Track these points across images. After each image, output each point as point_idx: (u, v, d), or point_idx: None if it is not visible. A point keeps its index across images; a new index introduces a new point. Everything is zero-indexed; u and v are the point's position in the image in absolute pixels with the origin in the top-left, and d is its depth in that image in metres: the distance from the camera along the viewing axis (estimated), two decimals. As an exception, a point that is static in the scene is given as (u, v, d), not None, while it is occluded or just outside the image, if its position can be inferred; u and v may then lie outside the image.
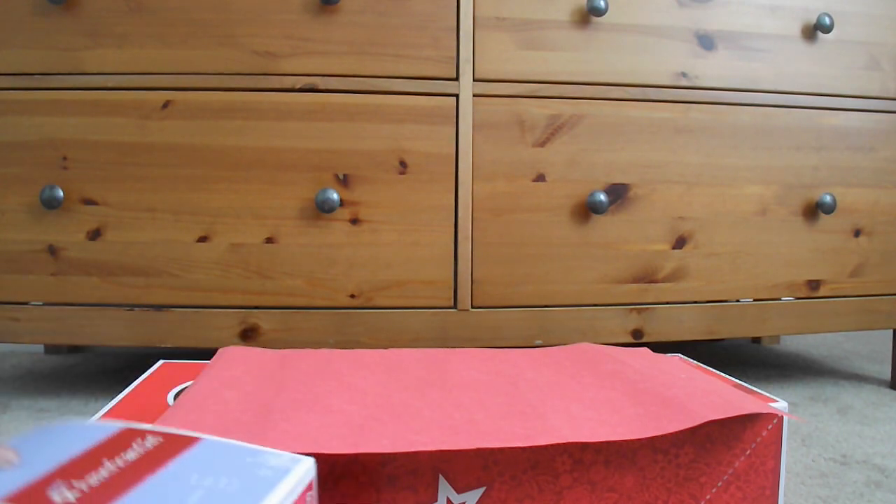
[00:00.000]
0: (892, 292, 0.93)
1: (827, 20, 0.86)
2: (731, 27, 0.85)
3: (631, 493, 0.43)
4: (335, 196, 0.77)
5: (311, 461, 0.32)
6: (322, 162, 0.79)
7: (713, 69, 0.85)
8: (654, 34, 0.84)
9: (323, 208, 0.77)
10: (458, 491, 0.41)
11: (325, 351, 0.56)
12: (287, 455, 0.32)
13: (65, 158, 0.77)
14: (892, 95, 0.91)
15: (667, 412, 0.44)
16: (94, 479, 0.27)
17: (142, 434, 0.32)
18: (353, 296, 0.80)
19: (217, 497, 0.27)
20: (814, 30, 0.88)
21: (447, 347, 0.75)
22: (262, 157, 0.78)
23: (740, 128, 0.86)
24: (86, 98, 0.77)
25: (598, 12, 0.80)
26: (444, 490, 0.41)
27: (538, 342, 0.83)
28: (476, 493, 0.41)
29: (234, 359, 0.52)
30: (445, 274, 0.81)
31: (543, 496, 0.42)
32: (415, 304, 0.81)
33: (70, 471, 0.28)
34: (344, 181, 0.79)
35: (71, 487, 0.26)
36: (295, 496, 0.30)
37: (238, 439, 0.37)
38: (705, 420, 0.42)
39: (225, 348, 0.54)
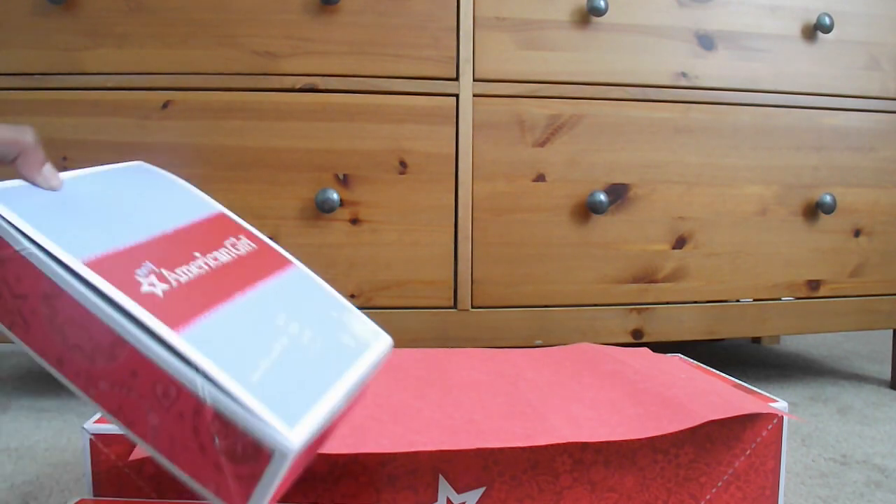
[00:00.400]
0: (892, 292, 0.93)
1: (827, 20, 0.86)
2: (731, 27, 0.85)
3: (631, 493, 0.43)
4: (335, 196, 0.77)
5: (388, 341, 0.31)
6: (322, 162, 0.79)
7: (713, 69, 0.85)
8: (654, 34, 0.84)
9: (323, 208, 0.77)
10: (458, 491, 0.41)
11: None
12: (370, 325, 0.31)
13: (65, 158, 0.77)
14: (892, 95, 0.91)
15: (667, 412, 0.44)
16: (183, 273, 0.25)
17: (236, 231, 0.30)
18: (353, 296, 0.80)
19: (299, 353, 0.26)
20: (814, 30, 0.88)
21: (447, 347, 0.75)
22: (262, 157, 0.78)
23: (740, 128, 0.86)
24: (86, 98, 0.77)
25: (598, 12, 0.80)
26: (444, 490, 0.41)
27: (538, 342, 0.83)
28: (476, 493, 0.41)
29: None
30: (445, 274, 0.81)
31: (543, 496, 0.42)
32: (415, 304, 0.81)
33: (158, 251, 0.25)
34: (344, 181, 0.79)
35: (160, 277, 0.24)
36: (368, 377, 0.29)
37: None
38: (705, 420, 0.42)
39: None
